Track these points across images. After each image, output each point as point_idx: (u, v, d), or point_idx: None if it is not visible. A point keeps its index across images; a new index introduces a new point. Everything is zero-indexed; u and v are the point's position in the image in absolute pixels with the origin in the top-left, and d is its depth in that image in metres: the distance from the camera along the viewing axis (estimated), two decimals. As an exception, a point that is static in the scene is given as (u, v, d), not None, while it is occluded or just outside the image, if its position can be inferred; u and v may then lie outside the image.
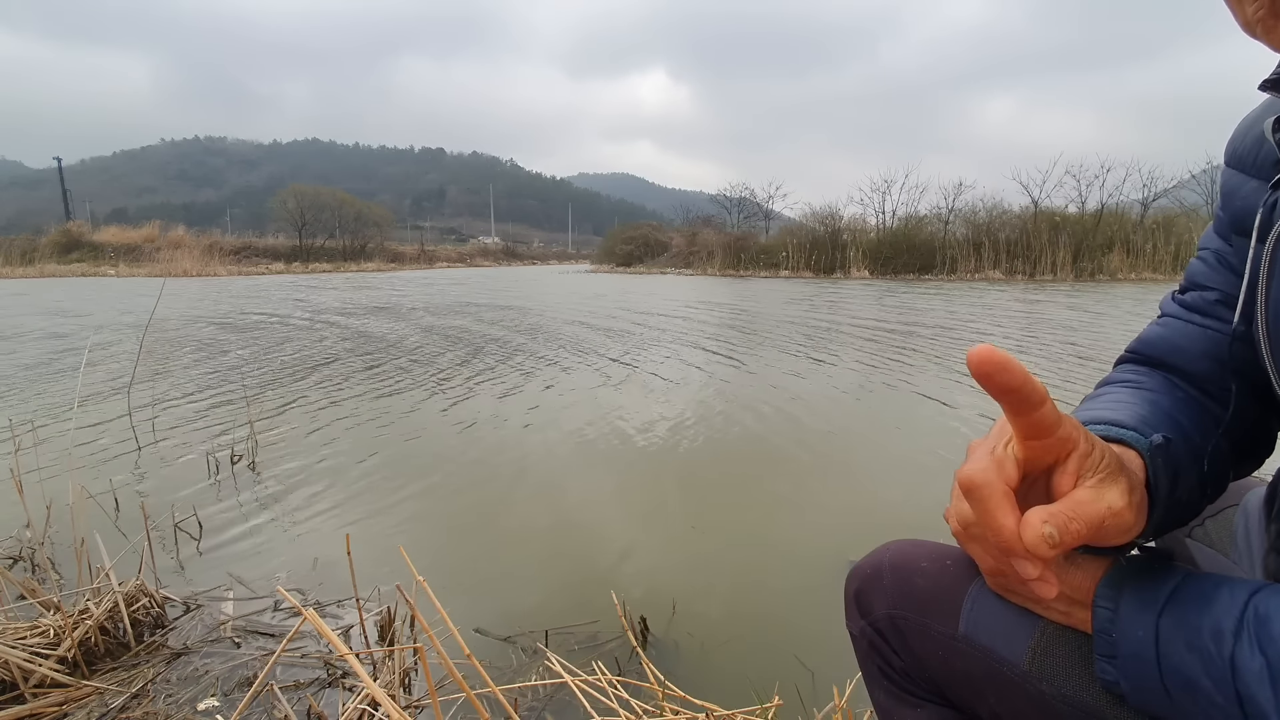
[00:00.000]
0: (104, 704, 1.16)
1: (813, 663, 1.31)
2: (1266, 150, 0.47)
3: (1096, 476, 0.38)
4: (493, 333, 6.76)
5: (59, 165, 53.53)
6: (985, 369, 0.35)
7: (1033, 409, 0.37)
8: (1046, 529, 0.35)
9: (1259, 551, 0.53)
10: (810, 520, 2.06)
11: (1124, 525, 0.38)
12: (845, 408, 3.48)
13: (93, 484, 2.30)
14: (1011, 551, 0.37)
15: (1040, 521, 0.35)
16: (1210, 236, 0.56)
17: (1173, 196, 20.15)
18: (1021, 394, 0.36)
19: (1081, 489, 0.38)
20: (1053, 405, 0.37)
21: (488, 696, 1.09)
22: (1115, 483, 0.38)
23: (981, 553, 0.43)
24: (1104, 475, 0.38)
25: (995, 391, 0.36)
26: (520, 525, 2.04)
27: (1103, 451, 0.39)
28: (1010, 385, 0.35)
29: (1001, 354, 0.35)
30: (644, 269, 26.51)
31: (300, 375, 4.46)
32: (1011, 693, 0.48)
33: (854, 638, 0.60)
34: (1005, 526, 0.36)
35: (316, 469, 2.53)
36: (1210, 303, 0.54)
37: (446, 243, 66.72)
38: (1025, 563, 0.37)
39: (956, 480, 0.40)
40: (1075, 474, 0.38)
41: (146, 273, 26.20)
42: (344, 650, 0.52)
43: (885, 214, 22.94)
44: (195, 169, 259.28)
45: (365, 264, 35.44)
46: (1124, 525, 0.38)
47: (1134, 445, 0.43)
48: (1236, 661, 0.35)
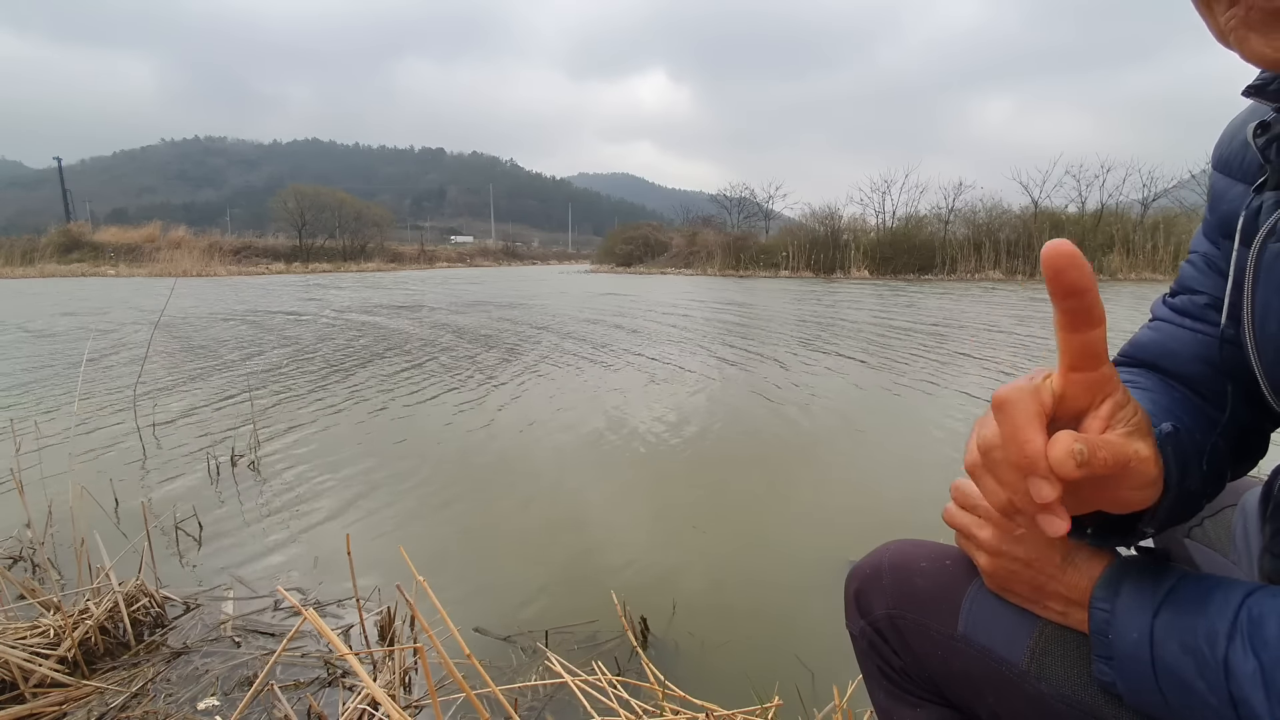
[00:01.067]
0: (104, 704, 1.16)
1: (813, 663, 1.32)
2: (1250, 155, 0.47)
3: (1127, 427, 0.37)
4: (511, 331, 6.77)
5: (59, 165, 53.53)
6: (1059, 263, 0.34)
7: (1090, 325, 0.35)
8: (1076, 445, 0.33)
9: (1257, 552, 0.53)
10: (810, 520, 2.06)
11: (1148, 475, 0.37)
12: (846, 407, 3.48)
13: (93, 484, 2.30)
14: (1034, 469, 0.35)
15: (1070, 439, 0.34)
16: (1200, 239, 0.56)
17: (1172, 196, 20.16)
18: (1086, 300, 0.35)
19: (1111, 433, 0.37)
20: (1104, 334, 0.36)
21: (488, 696, 1.09)
22: (1144, 436, 0.37)
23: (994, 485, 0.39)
24: (1133, 428, 0.37)
25: (1063, 290, 0.34)
26: (520, 525, 2.04)
27: (1136, 408, 0.38)
28: (1078, 285, 0.34)
29: (1075, 250, 0.34)
30: (644, 269, 26.51)
31: (330, 374, 4.46)
32: (1010, 692, 0.48)
33: (854, 638, 0.60)
34: (1032, 440, 0.35)
35: (317, 469, 2.53)
36: (1200, 306, 0.54)
37: (446, 243, 66.73)
38: (1044, 483, 0.35)
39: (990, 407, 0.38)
40: (1107, 421, 0.37)
41: (147, 273, 26.20)
42: (344, 650, 0.52)
43: (885, 214, 22.98)
44: (195, 169, 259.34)
45: (365, 264, 35.43)
46: (1148, 475, 0.37)
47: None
48: (1230, 664, 0.35)
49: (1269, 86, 0.43)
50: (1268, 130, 0.44)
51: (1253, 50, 0.37)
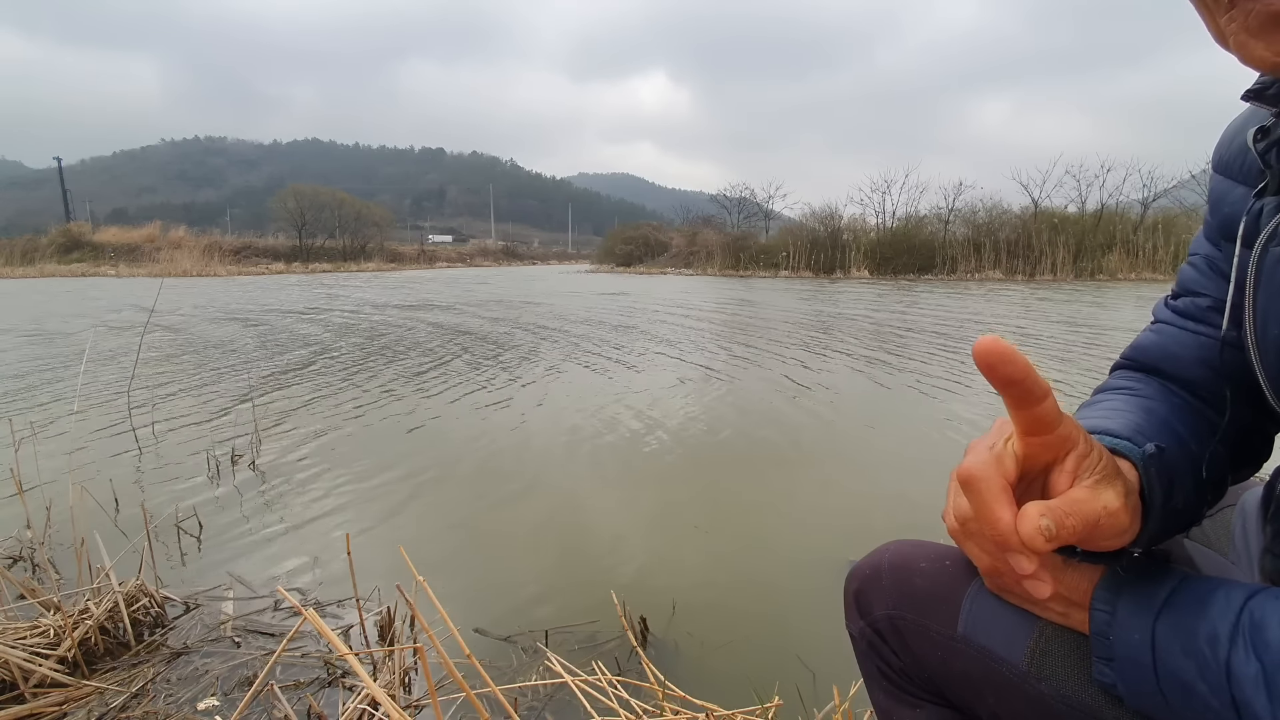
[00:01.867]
0: (104, 704, 1.16)
1: (813, 663, 1.32)
2: (1250, 158, 0.47)
3: (1093, 477, 0.38)
4: (520, 329, 6.77)
5: (59, 165, 53.53)
6: (990, 359, 0.35)
7: (1034, 403, 0.37)
8: (1043, 521, 0.35)
9: (1256, 552, 0.53)
10: (810, 520, 2.06)
11: (1119, 526, 0.38)
12: (846, 408, 3.48)
13: (93, 484, 2.30)
14: (1007, 546, 0.37)
15: (1037, 514, 0.35)
16: (1200, 242, 0.56)
17: (1172, 196, 20.16)
18: (1023, 387, 0.36)
19: (1078, 488, 0.38)
20: (1054, 402, 0.37)
21: (488, 696, 1.09)
22: (1111, 484, 0.38)
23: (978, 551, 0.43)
24: (1100, 476, 0.38)
25: (998, 383, 0.36)
26: (521, 525, 2.04)
27: (1100, 453, 0.39)
28: (1013, 377, 0.36)
29: (1006, 345, 0.35)
30: (644, 269, 26.51)
31: (334, 373, 4.46)
32: (1010, 693, 0.48)
33: (853, 638, 0.60)
34: (1002, 520, 0.36)
35: (317, 469, 2.53)
36: (1202, 309, 0.54)
37: (446, 243, 66.74)
38: (1021, 558, 0.37)
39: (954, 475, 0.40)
40: (1073, 474, 0.39)
41: (146, 273, 26.20)
42: (344, 650, 0.52)
43: (885, 214, 22.97)
44: (195, 169, 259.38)
45: (365, 264, 35.44)
46: (1119, 526, 0.38)
47: (1127, 455, 0.43)
48: (1232, 666, 0.35)
49: (1268, 91, 0.43)
50: (1267, 135, 0.44)
51: (1252, 54, 0.37)
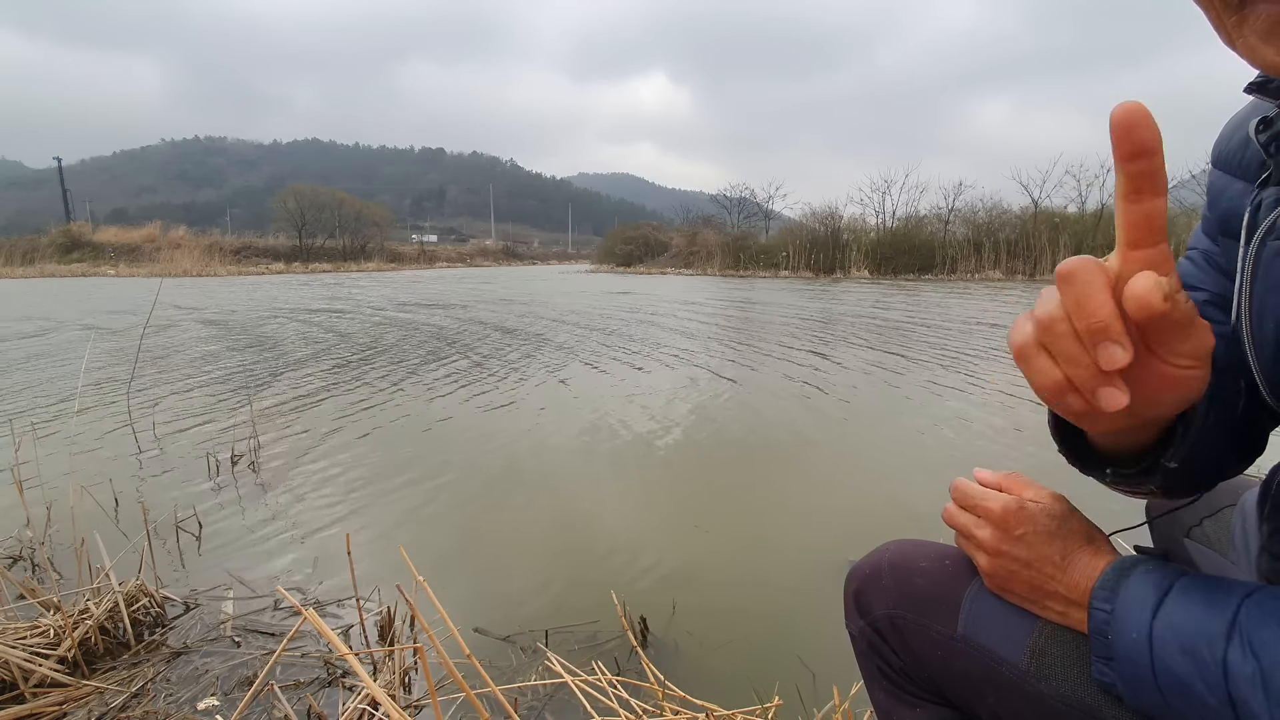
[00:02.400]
0: (104, 703, 1.16)
1: (813, 663, 1.32)
2: (1252, 152, 0.47)
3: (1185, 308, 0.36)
4: (526, 327, 6.77)
5: (59, 165, 53.55)
6: (1132, 118, 0.32)
7: (1155, 193, 0.33)
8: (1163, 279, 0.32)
9: (1255, 551, 0.53)
10: (810, 520, 2.06)
11: (1207, 346, 0.36)
12: (847, 407, 3.48)
13: (93, 484, 2.30)
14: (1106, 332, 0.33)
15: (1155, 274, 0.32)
16: (1199, 237, 0.56)
17: (1172, 196, 20.14)
18: (1155, 162, 0.33)
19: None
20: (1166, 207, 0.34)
21: (488, 696, 1.09)
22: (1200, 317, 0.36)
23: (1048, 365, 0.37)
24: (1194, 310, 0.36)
25: (1133, 149, 0.32)
26: (520, 525, 2.04)
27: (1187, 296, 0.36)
28: (1149, 144, 0.32)
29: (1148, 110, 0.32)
30: (644, 269, 26.51)
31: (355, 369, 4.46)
32: (1010, 692, 0.48)
33: (853, 638, 0.60)
34: (1106, 304, 0.34)
35: (317, 468, 2.53)
36: (1200, 304, 0.54)
37: (446, 243, 66.78)
38: (1115, 347, 0.33)
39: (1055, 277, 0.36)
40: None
41: (146, 273, 26.21)
42: (344, 650, 0.52)
43: (885, 214, 22.98)
44: (195, 169, 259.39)
45: (365, 264, 35.44)
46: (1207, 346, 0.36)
47: None
48: (1229, 665, 0.35)
49: (1271, 84, 0.43)
50: (1270, 126, 0.44)
51: (1262, 58, 0.37)
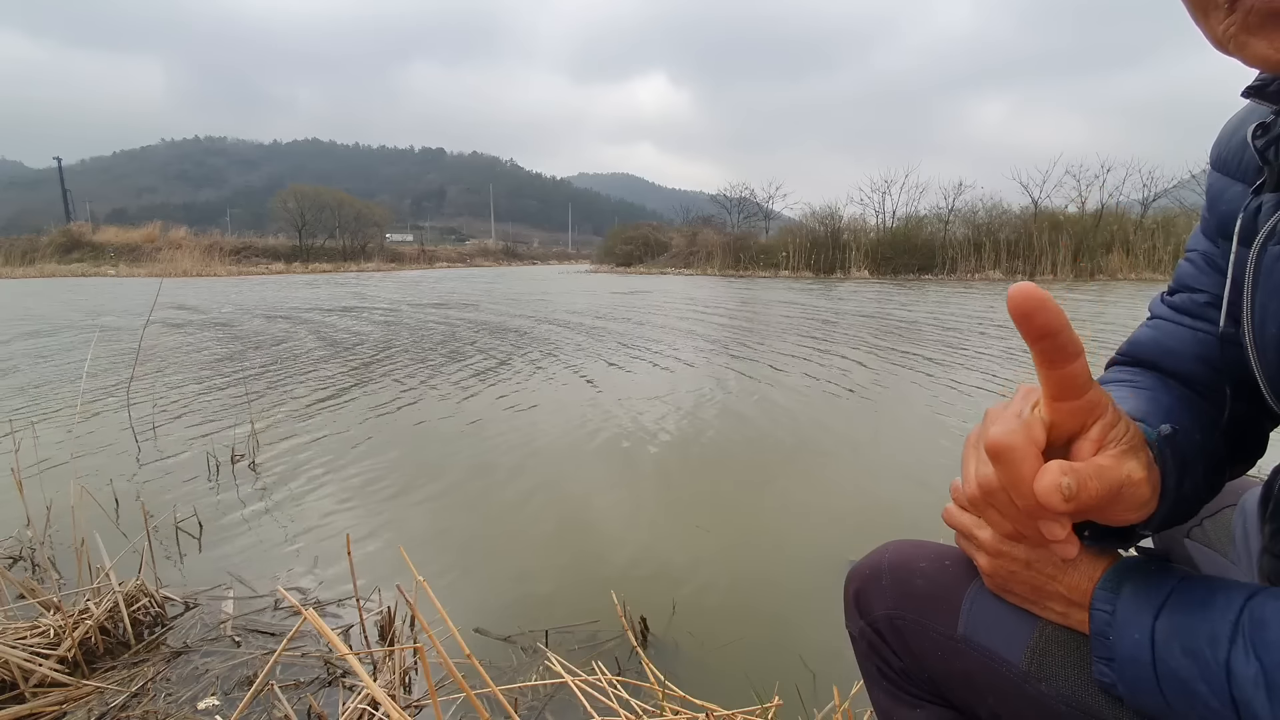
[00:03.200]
0: (104, 703, 1.16)
1: (813, 663, 1.32)
2: (1249, 155, 0.47)
3: (1119, 447, 0.37)
4: (531, 326, 6.77)
5: (59, 165, 53.57)
6: (1026, 306, 0.34)
7: (1067, 361, 0.35)
8: (1064, 480, 0.34)
9: (1256, 552, 0.53)
10: (810, 520, 2.06)
11: (1140, 497, 0.37)
12: (846, 408, 3.48)
13: (93, 484, 2.30)
14: (1039, 515, 0.36)
15: (1059, 472, 0.34)
16: (1198, 238, 0.56)
17: (1173, 196, 20.13)
18: (1059, 340, 0.35)
19: (1103, 455, 0.37)
20: (1085, 363, 0.36)
21: (488, 696, 1.09)
22: (1136, 455, 0.38)
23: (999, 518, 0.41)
24: (1126, 447, 0.37)
25: (1033, 333, 0.35)
26: (521, 525, 2.04)
27: (1127, 424, 0.38)
28: (1050, 327, 0.34)
29: (1043, 293, 0.34)
30: (644, 269, 26.50)
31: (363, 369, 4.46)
32: (1010, 693, 0.48)
33: (853, 638, 0.60)
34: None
35: (317, 468, 2.53)
36: (1200, 305, 0.54)
37: (446, 243, 66.83)
38: (1053, 524, 0.36)
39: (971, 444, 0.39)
40: (1098, 443, 0.37)
41: (146, 273, 26.21)
42: (344, 650, 0.52)
43: (885, 214, 22.96)
44: (195, 169, 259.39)
45: (365, 264, 35.44)
46: (1140, 497, 0.37)
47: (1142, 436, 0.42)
48: (1231, 666, 0.35)
49: (1268, 87, 0.43)
50: (1267, 131, 0.44)
51: (1254, 54, 0.37)
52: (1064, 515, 0.36)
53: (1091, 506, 0.35)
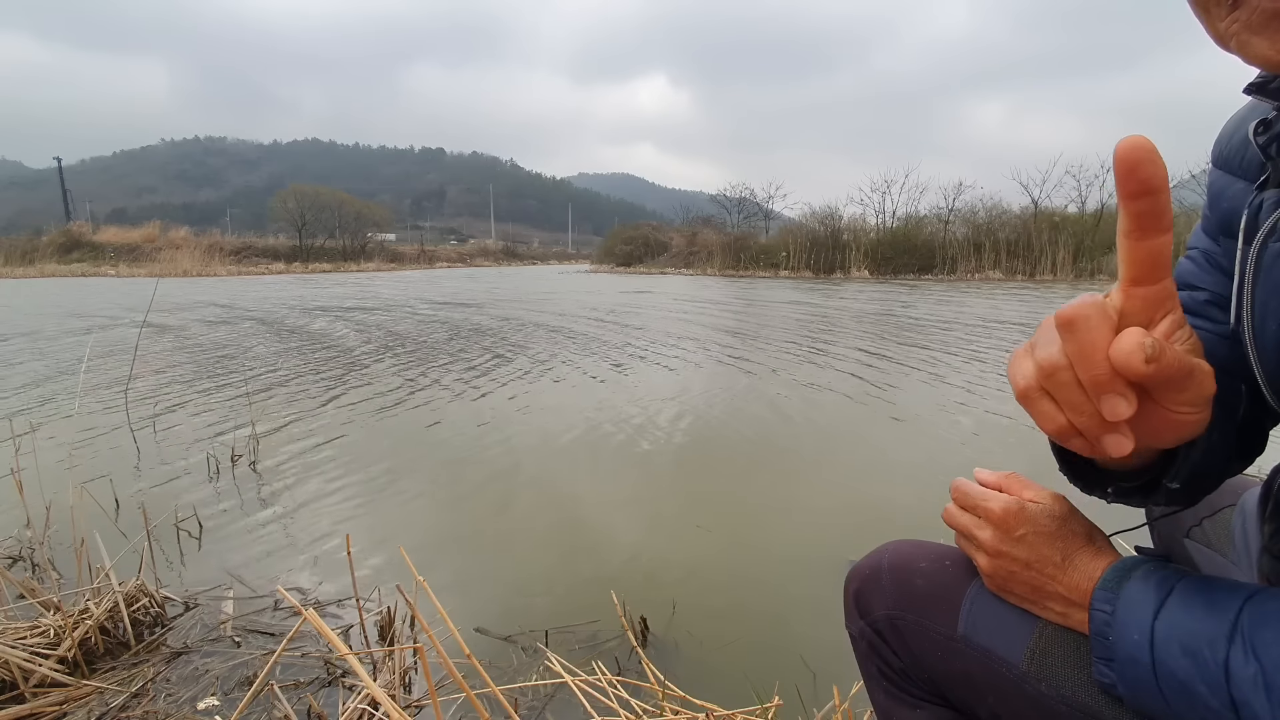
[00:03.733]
0: (104, 703, 1.16)
1: (813, 663, 1.32)
2: (1251, 152, 0.47)
3: (1185, 346, 0.36)
4: (534, 326, 6.77)
5: (59, 165, 53.58)
6: (1134, 156, 0.31)
7: (1160, 230, 0.33)
8: (1148, 340, 0.32)
9: (1255, 552, 0.53)
10: (810, 520, 2.06)
11: (1207, 391, 0.35)
12: (846, 409, 3.48)
13: (93, 484, 2.30)
14: (1111, 385, 0.33)
15: (1141, 333, 0.32)
16: (1198, 236, 0.56)
17: (1172, 196, 20.13)
18: (1159, 201, 0.32)
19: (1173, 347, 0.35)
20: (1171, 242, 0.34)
21: (488, 696, 1.09)
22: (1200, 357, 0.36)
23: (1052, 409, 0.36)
24: (1191, 348, 0.36)
25: (1135, 189, 0.32)
26: (522, 525, 2.04)
27: (1190, 330, 0.37)
28: (1154, 182, 0.32)
29: (1152, 145, 0.31)
30: (644, 269, 26.50)
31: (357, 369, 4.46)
32: (1010, 693, 0.48)
33: (853, 638, 0.60)
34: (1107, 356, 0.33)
35: (317, 468, 2.53)
36: (1200, 303, 0.54)
37: (446, 243, 66.85)
38: (1119, 400, 0.33)
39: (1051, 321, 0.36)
40: (1166, 338, 0.35)
41: (146, 273, 26.20)
42: (344, 650, 0.52)
43: (885, 214, 22.97)
44: (195, 169, 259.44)
45: (365, 264, 35.44)
46: (1207, 391, 0.35)
47: None
48: (1231, 667, 0.35)
49: (1270, 84, 0.43)
50: (1269, 128, 0.44)
51: (1255, 53, 0.37)
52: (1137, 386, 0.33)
53: (1168, 376, 0.33)
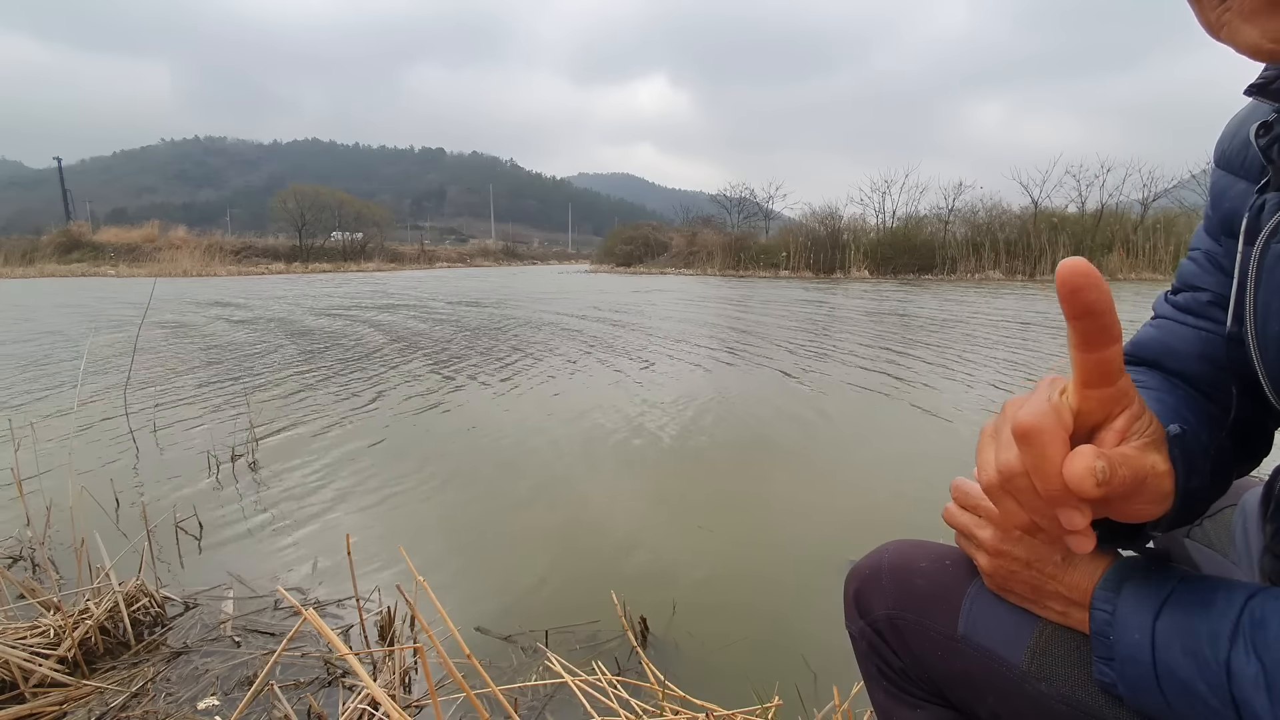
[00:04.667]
0: (104, 703, 1.16)
1: (813, 663, 1.32)
2: (1253, 154, 0.47)
3: (1142, 439, 0.37)
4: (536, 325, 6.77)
5: (59, 165, 53.61)
6: (1076, 281, 0.33)
7: (1106, 344, 0.34)
8: (1099, 463, 0.33)
9: (1257, 552, 0.53)
10: (810, 520, 2.06)
11: (1163, 490, 0.37)
12: (846, 409, 3.48)
13: (93, 484, 2.30)
14: (1062, 500, 0.35)
15: (1093, 455, 0.33)
16: (1201, 237, 0.56)
17: (1173, 196, 20.14)
18: (1102, 321, 0.34)
19: (1128, 446, 0.37)
20: (1121, 350, 0.35)
21: (488, 696, 1.09)
22: (1159, 448, 0.37)
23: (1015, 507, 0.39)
24: (1149, 440, 0.37)
25: (1077, 310, 0.34)
26: (521, 524, 2.04)
27: (1150, 418, 0.38)
28: (1095, 306, 0.33)
29: (1093, 269, 0.33)
30: (644, 269, 26.50)
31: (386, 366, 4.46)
32: (1010, 693, 0.48)
33: (853, 638, 0.60)
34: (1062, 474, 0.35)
35: (317, 468, 2.53)
36: (1203, 304, 0.54)
37: (446, 243, 66.87)
38: (1074, 513, 0.35)
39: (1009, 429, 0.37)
40: (1122, 434, 0.37)
41: (146, 273, 26.20)
42: (344, 650, 0.52)
43: (885, 214, 22.95)
44: (195, 169, 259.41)
45: (365, 264, 35.45)
46: (1163, 490, 0.37)
47: None
48: (1232, 666, 0.35)
49: (1271, 85, 0.43)
50: (1270, 130, 0.44)
51: (1245, 41, 0.37)
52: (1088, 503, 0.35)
53: (1120, 494, 0.35)
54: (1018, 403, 0.39)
